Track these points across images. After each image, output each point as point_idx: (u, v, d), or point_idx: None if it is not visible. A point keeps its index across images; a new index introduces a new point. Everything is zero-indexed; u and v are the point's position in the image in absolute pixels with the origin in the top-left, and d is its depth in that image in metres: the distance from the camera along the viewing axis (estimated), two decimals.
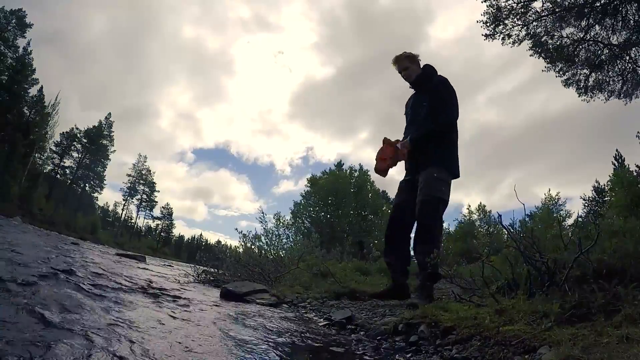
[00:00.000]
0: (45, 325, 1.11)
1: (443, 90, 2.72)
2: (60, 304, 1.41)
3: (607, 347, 1.12)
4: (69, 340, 1.02)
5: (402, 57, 2.92)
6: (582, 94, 9.36)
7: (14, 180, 28.90)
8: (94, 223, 40.45)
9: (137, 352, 1.06)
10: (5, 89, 29.80)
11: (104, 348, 1.02)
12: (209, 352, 1.21)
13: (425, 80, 2.85)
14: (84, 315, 1.34)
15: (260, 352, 1.31)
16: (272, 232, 7.07)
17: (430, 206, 2.54)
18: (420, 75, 2.88)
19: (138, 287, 2.46)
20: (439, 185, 2.59)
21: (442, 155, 2.67)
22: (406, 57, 2.91)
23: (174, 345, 1.20)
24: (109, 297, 1.83)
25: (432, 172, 2.61)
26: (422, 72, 2.88)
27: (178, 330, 1.43)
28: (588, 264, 1.80)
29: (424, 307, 1.96)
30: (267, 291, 3.22)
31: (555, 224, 13.20)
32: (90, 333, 1.12)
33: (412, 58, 2.92)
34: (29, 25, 32.12)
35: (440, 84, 2.75)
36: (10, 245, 3.06)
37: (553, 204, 24.36)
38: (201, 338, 1.36)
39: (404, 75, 2.92)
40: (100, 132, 43.46)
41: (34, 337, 0.97)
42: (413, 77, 2.89)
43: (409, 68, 2.89)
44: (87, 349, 0.99)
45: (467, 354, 1.41)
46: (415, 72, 2.89)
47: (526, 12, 8.58)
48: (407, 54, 2.93)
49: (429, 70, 2.90)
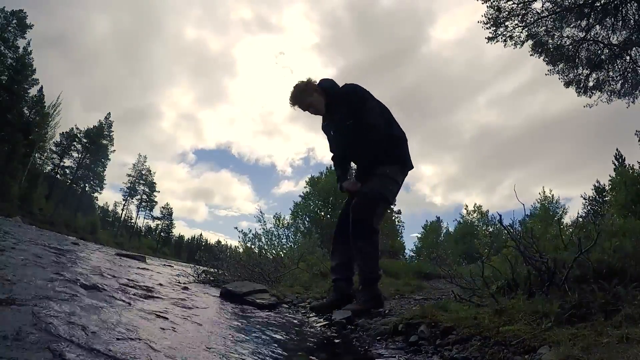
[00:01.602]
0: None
1: (356, 100, 2.42)
2: (60, 305, 1.41)
3: (607, 347, 1.12)
4: (68, 336, 1.02)
5: (298, 95, 2.54)
6: (582, 93, 9.37)
7: (14, 180, 28.91)
8: (93, 223, 40.47)
9: (139, 351, 1.06)
10: (5, 89, 29.81)
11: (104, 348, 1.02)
12: (209, 351, 1.21)
13: (334, 101, 2.51)
14: (86, 313, 1.34)
15: (260, 351, 1.31)
16: (272, 232, 7.08)
17: (368, 200, 2.34)
18: (328, 100, 2.53)
19: (137, 287, 2.46)
20: (385, 182, 2.40)
21: (390, 153, 2.43)
22: (303, 93, 2.53)
23: (174, 345, 1.20)
24: (108, 297, 1.83)
25: (383, 169, 2.40)
26: (327, 96, 2.53)
27: (178, 330, 1.43)
28: (588, 264, 1.80)
29: (423, 307, 1.95)
30: (267, 291, 3.22)
31: (554, 223, 13.20)
32: (92, 331, 1.12)
33: (308, 88, 2.53)
34: (29, 26, 32.14)
35: (351, 94, 2.46)
36: (37, 258, 3.06)
37: (549, 202, 24.37)
38: (201, 338, 1.36)
39: (312, 112, 2.57)
40: (100, 132, 43.47)
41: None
42: (322, 108, 2.54)
43: (312, 102, 2.52)
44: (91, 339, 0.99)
45: (467, 354, 1.41)
46: (321, 101, 2.52)
47: (526, 13, 8.60)
48: (301, 88, 2.54)
49: (330, 88, 2.56)
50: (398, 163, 2.47)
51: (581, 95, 9.43)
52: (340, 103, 2.47)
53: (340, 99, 2.48)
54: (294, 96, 2.56)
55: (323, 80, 2.61)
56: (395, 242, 24.43)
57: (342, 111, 2.44)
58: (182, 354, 1.13)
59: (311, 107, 2.54)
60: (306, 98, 2.52)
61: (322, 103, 2.53)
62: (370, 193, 2.35)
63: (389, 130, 2.45)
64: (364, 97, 2.44)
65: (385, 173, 2.40)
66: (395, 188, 2.47)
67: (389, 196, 2.42)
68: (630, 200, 10.81)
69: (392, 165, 2.44)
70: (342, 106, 2.45)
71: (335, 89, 2.55)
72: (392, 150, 2.44)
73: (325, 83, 2.58)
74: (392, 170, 2.43)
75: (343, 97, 2.47)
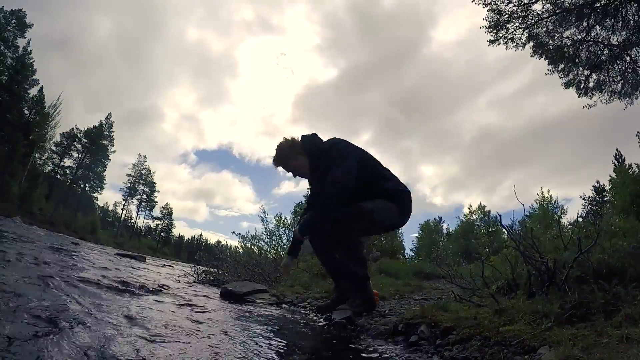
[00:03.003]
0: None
1: (335, 154, 2.24)
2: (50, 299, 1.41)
3: (607, 347, 1.12)
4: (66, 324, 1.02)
5: (283, 158, 2.41)
6: (583, 94, 9.38)
7: (14, 180, 28.88)
8: (93, 223, 40.42)
9: (142, 352, 1.06)
10: (5, 89, 29.79)
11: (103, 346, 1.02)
12: (210, 351, 1.21)
13: (318, 160, 2.33)
14: (88, 310, 1.34)
15: (260, 351, 1.31)
16: (273, 232, 7.08)
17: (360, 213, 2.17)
18: (311, 161, 2.38)
19: (138, 287, 2.46)
20: (379, 208, 2.19)
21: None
22: (287, 155, 2.40)
23: (174, 346, 1.20)
24: (108, 298, 1.83)
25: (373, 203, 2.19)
26: (310, 156, 2.38)
27: (178, 329, 1.43)
28: (588, 264, 1.81)
29: (423, 307, 1.96)
30: (267, 291, 3.22)
31: (554, 223, 13.20)
32: (91, 330, 1.12)
33: (292, 151, 2.39)
34: (29, 25, 32.10)
35: (332, 149, 2.29)
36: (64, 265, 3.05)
37: (547, 203, 24.40)
38: (201, 338, 1.36)
39: (298, 175, 2.47)
40: (100, 132, 43.45)
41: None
42: (307, 171, 2.43)
43: (297, 166, 2.42)
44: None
45: (467, 354, 1.41)
46: (305, 165, 2.39)
47: (527, 15, 8.62)
48: (285, 150, 2.40)
49: (312, 147, 2.39)
50: (393, 202, 2.27)
51: (582, 96, 9.44)
52: (323, 159, 2.29)
53: (323, 156, 2.30)
54: (278, 158, 2.43)
55: (306, 139, 2.43)
56: (394, 242, 24.42)
57: (323, 166, 2.26)
58: (182, 354, 1.13)
59: (296, 170, 2.44)
60: (290, 161, 2.41)
61: (306, 167, 2.40)
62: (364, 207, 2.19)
63: (381, 186, 2.28)
64: (343, 152, 2.26)
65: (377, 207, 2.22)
66: (384, 220, 2.26)
67: (377, 217, 2.22)
68: (630, 200, 10.81)
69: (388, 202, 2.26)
70: (323, 161, 2.28)
71: (318, 149, 2.37)
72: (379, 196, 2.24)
73: (308, 145, 2.40)
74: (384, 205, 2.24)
75: (325, 152, 2.30)
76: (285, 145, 2.42)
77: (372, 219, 2.21)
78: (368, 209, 2.18)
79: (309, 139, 2.44)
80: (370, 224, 2.27)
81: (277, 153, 2.44)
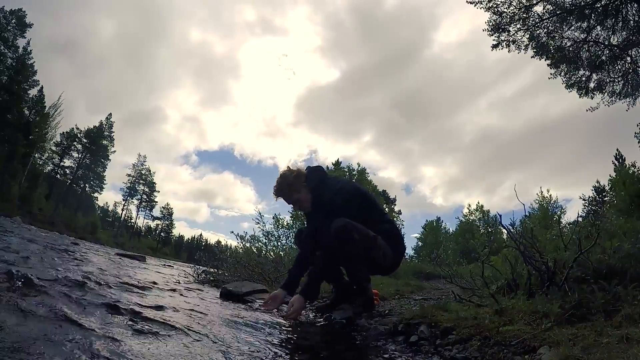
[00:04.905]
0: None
1: (339, 202, 2.18)
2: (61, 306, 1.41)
3: (607, 347, 1.12)
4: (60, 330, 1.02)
5: (286, 189, 2.34)
6: (584, 95, 9.39)
7: (14, 180, 28.89)
8: (93, 223, 40.41)
9: (142, 351, 1.06)
10: (5, 89, 29.79)
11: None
12: (210, 350, 1.21)
13: (321, 198, 2.28)
14: (88, 311, 1.35)
15: (260, 350, 1.31)
16: (272, 232, 7.08)
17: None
18: (314, 199, 2.33)
19: (137, 287, 2.46)
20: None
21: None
22: (290, 188, 2.33)
23: (174, 345, 1.20)
24: (109, 299, 1.83)
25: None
26: (312, 193, 2.33)
27: (178, 329, 1.43)
28: (588, 264, 1.81)
29: (423, 307, 1.96)
30: (267, 291, 3.22)
31: (554, 223, 13.20)
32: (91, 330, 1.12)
33: (296, 183, 2.32)
34: (29, 25, 32.10)
35: (337, 198, 2.21)
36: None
37: (547, 203, 24.41)
38: (202, 337, 1.36)
39: (299, 208, 2.42)
40: (100, 132, 43.46)
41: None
42: (309, 206, 2.36)
43: (299, 199, 2.34)
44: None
45: (467, 354, 1.41)
46: (308, 199, 2.34)
47: (528, 17, 8.62)
48: (288, 182, 2.33)
49: (317, 184, 2.33)
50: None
51: (583, 97, 9.46)
52: (328, 201, 2.22)
53: (329, 199, 2.22)
54: (280, 189, 2.36)
55: (312, 175, 2.37)
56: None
57: (328, 208, 2.19)
58: (183, 354, 1.13)
59: (298, 203, 2.37)
60: (293, 194, 2.33)
61: (309, 201, 2.34)
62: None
63: (381, 225, 2.24)
64: (355, 196, 2.25)
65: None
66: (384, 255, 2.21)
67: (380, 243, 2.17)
68: (630, 200, 10.81)
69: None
70: (328, 203, 2.21)
71: (324, 183, 2.32)
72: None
73: (314, 182, 2.34)
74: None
75: (331, 197, 2.22)
76: (289, 175, 2.34)
77: (376, 245, 2.14)
78: (373, 235, 2.14)
79: (314, 175, 2.37)
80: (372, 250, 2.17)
81: (280, 183, 2.35)
